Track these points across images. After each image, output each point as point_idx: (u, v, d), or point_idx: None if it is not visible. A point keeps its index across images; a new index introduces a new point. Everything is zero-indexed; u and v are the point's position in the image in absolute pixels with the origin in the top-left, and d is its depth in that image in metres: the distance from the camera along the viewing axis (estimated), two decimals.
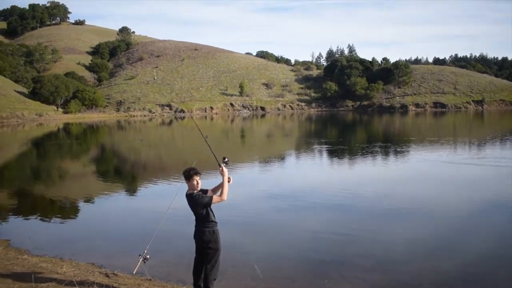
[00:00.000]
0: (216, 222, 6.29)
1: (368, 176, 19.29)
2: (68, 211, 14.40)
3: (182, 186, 6.43)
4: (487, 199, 14.06)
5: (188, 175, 6.19)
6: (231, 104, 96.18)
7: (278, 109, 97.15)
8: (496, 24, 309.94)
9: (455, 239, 10.33)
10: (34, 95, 78.74)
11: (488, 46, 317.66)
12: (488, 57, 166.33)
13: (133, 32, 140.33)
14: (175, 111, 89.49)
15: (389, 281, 7.90)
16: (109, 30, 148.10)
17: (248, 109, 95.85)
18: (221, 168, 6.35)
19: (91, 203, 15.62)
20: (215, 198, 6.21)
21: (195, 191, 6.21)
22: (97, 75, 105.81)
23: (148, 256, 7.24)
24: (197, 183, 6.21)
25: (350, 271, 8.33)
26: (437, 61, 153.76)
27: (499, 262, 8.81)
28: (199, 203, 6.13)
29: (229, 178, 6.38)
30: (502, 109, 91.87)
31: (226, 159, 6.55)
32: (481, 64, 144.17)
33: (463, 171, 19.55)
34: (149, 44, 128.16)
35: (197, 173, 6.22)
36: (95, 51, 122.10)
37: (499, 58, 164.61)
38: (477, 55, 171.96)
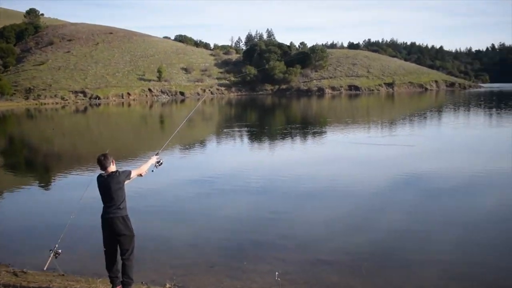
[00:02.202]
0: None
1: (287, 159, 19.75)
2: None
3: (95, 176, 6.17)
4: (397, 177, 14.93)
5: (101, 160, 6.05)
6: (149, 90, 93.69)
7: (198, 94, 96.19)
8: (406, 11, 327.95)
9: (369, 216, 10.89)
10: None
11: (398, 31, 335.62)
12: (398, 42, 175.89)
13: (42, 14, 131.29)
14: (90, 98, 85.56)
15: (308, 260, 8.16)
16: (15, 12, 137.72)
17: (167, 94, 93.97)
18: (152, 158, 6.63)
19: None
20: (134, 171, 6.23)
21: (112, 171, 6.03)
22: (2, 60, 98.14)
23: (59, 251, 6.88)
24: (112, 164, 6.08)
25: (269, 252, 8.51)
26: (351, 46, 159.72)
27: (407, 235, 9.42)
28: (119, 180, 5.96)
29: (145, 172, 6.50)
30: (410, 91, 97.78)
31: (161, 162, 6.79)
32: (392, 48, 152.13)
33: (376, 152, 20.61)
34: (60, 27, 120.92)
35: (109, 159, 6.06)
36: (0, 35, 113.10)
37: (408, 43, 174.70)
38: (388, 40, 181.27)
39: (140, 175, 6.45)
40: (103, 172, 6.06)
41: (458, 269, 7.74)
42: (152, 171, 6.65)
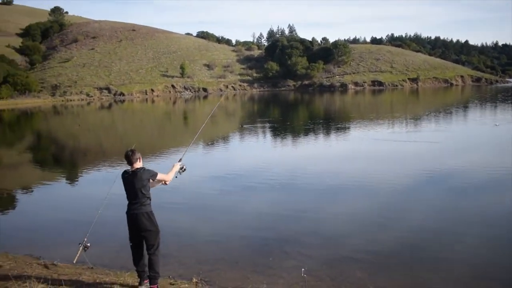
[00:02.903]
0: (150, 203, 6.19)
1: (311, 155, 19.68)
2: (3, 202, 13.71)
3: (120, 172, 6.26)
4: (422, 175, 14.74)
5: (129, 156, 6.10)
6: (173, 86, 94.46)
7: (221, 90, 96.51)
8: (430, 5, 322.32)
9: (393, 213, 10.80)
10: None
11: (422, 26, 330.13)
12: (422, 36, 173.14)
13: (66, 12, 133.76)
14: (115, 94, 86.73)
15: (333, 256, 8.14)
16: (40, 11, 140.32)
17: (190, 90, 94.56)
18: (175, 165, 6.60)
19: (27, 193, 14.97)
20: (160, 174, 6.21)
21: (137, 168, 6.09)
22: (29, 58, 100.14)
23: (88, 244, 7.03)
24: (139, 161, 6.14)
25: (294, 248, 8.51)
26: (374, 41, 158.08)
27: (433, 233, 9.29)
28: (143, 177, 6.00)
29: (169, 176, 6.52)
30: (435, 86, 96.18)
31: (184, 168, 6.73)
32: (416, 43, 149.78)
33: (400, 148, 20.38)
34: (84, 25, 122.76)
35: (136, 155, 6.12)
36: (26, 33, 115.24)
37: (432, 38, 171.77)
38: (412, 34, 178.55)
39: (165, 183, 6.46)
40: (129, 168, 6.13)
41: (485, 268, 7.60)
42: (176, 177, 6.67)
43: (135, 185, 5.97)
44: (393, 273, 7.35)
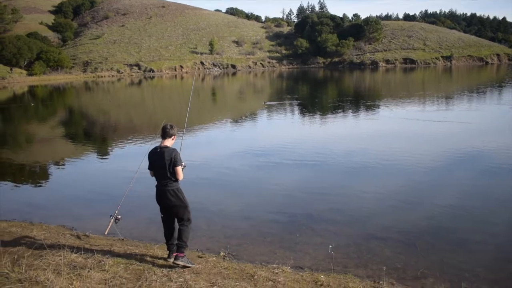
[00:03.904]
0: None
1: (340, 133, 19.51)
2: (37, 175, 14.14)
3: (151, 148, 6.30)
4: (452, 155, 14.43)
5: (166, 129, 6.10)
6: (201, 63, 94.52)
7: (249, 66, 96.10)
8: None
9: (422, 193, 10.63)
10: None
11: (457, 2, 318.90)
12: (457, 13, 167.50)
13: None
14: (144, 71, 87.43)
15: (360, 234, 8.09)
16: None
17: (219, 67, 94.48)
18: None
19: (60, 166, 15.35)
20: (179, 169, 6.03)
21: (167, 147, 6.10)
22: (61, 35, 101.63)
23: (119, 217, 7.19)
24: (172, 140, 6.14)
25: (321, 225, 8.50)
26: (407, 17, 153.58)
27: (462, 214, 9.12)
28: (171, 156, 5.96)
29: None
30: (469, 64, 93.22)
31: (184, 165, 6.30)
32: (450, 20, 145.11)
33: (431, 128, 19.96)
34: (115, 2, 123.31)
35: (172, 131, 6.12)
36: (58, 10, 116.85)
37: (468, 14, 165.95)
38: (447, 11, 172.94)
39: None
40: (158, 145, 6.15)
41: None
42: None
43: (163, 161, 5.98)
44: (422, 254, 7.26)
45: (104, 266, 5.90)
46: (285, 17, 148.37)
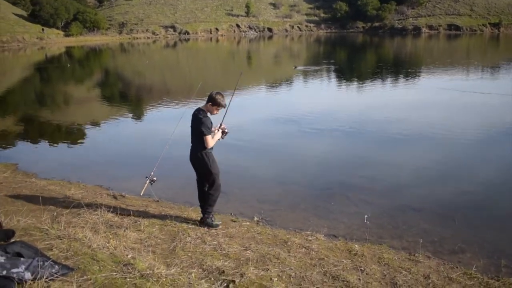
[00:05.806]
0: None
1: (377, 102, 19.03)
2: (75, 136, 14.43)
3: (187, 111, 6.25)
4: (495, 128, 13.80)
5: (216, 101, 5.97)
6: (237, 25, 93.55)
7: (286, 30, 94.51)
8: None
9: (462, 166, 10.27)
10: (33, 17, 76.43)
11: None
12: None
13: None
14: (180, 33, 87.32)
15: (396, 205, 7.90)
16: None
17: (255, 30, 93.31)
18: (217, 129, 6.19)
19: (97, 128, 15.62)
20: (207, 138, 5.93)
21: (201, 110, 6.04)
22: None
23: (155, 178, 7.25)
24: (209, 105, 6.03)
25: (356, 194, 8.35)
26: None
27: (503, 190, 8.76)
28: (202, 120, 5.89)
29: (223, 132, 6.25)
30: None
31: (226, 131, 6.29)
32: None
33: (473, 99, 19.17)
34: None
35: (211, 97, 6.00)
36: None
37: None
38: None
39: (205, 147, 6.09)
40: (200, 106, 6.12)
41: None
42: (219, 139, 6.32)
43: (195, 123, 6.01)
44: (460, 228, 7.03)
45: (139, 226, 5.99)
46: None
